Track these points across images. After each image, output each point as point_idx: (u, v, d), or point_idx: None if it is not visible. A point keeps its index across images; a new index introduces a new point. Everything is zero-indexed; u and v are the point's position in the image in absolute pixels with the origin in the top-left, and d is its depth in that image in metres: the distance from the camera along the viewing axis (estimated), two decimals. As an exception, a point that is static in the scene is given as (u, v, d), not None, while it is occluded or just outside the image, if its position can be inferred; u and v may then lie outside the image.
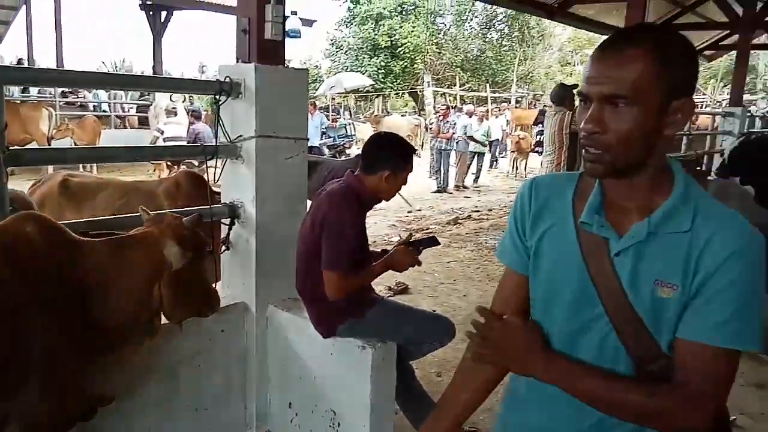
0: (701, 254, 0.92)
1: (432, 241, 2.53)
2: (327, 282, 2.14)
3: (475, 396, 1.20)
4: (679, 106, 0.93)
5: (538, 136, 16.96)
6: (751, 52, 9.45)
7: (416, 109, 25.18)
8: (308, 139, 2.54)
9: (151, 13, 12.59)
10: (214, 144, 2.39)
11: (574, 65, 34.13)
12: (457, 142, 10.97)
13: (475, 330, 1.06)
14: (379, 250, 2.50)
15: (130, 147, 3.36)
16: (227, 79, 2.33)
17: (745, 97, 11.31)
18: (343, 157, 11.12)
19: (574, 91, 5.17)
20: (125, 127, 13.83)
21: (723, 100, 20.22)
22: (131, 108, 14.41)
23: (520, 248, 1.12)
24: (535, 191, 1.11)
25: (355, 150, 13.85)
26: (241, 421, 2.58)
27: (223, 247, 2.53)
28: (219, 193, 2.70)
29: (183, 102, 12.60)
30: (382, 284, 4.72)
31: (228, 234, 2.49)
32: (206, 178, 3.00)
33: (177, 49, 28.79)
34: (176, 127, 10.09)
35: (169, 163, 10.15)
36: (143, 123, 13.36)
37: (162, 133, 9.86)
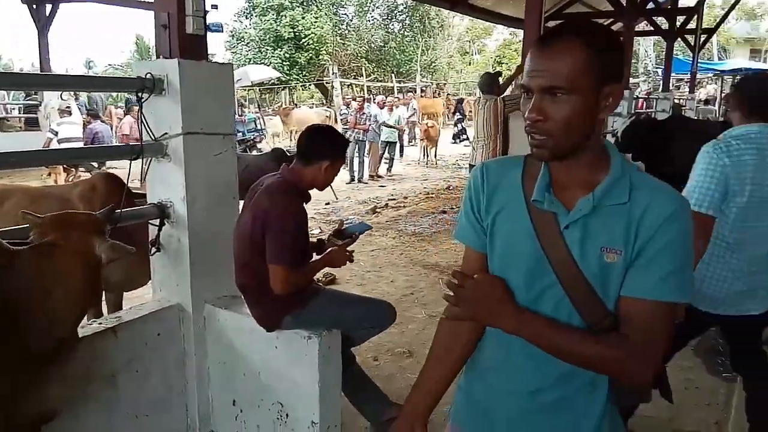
0: (640, 221, 1.04)
1: (363, 226, 2.61)
2: (273, 276, 2.15)
3: (450, 372, 1.28)
4: (610, 91, 1.04)
5: (458, 125, 17.45)
6: (634, 38, 10.23)
7: (323, 101, 25.07)
8: (236, 135, 2.51)
9: (34, 6, 11.61)
10: (124, 144, 2.31)
11: (472, 54, 35.33)
12: (365, 131, 11.11)
13: (452, 291, 1.13)
14: (315, 240, 2.54)
15: (48, 150, 3.16)
16: (149, 76, 2.26)
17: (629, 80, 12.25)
18: (254, 152, 10.91)
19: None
20: (12, 130, 12.73)
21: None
22: (13, 109, 13.29)
23: (477, 228, 1.21)
24: (487, 174, 1.20)
25: (265, 144, 13.63)
26: (183, 425, 2.53)
27: (153, 249, 2.46)
28: (144, 195, 2.62)
29: (76, 101, 11.82)
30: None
31: (158, 235, 2.43)
32: (147, 178, 2.89)
33: (63, 44, 26.79)
34: (71, 128, 9.44)
35: (65, 167, 9.52)
36: (31, 124, 12.33)
37: (56, 134, 9.19)
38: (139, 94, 2.25)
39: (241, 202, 2.86)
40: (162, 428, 2.42)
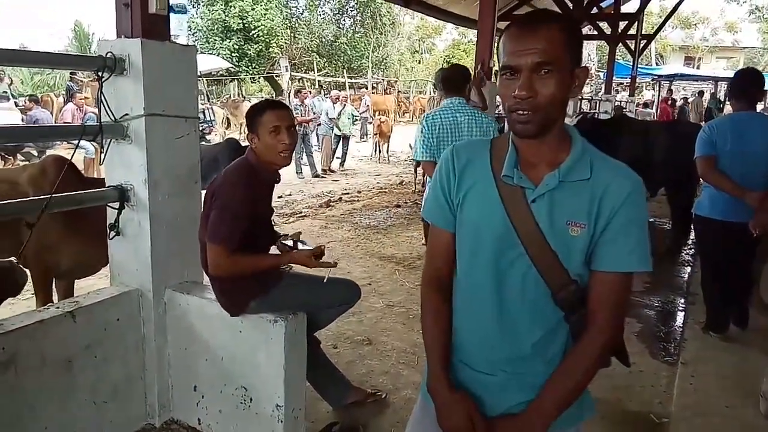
0: (602, 198, 1.14)
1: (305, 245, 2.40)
2: (209, 255, 2.10)
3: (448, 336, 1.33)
4: (579, 73, 1.15)
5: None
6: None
7: (272, 94, 24.74)
8: (199, 118, 2.48)
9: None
10: (80, 124, 2.24)
11: (422, 53, 35.67)
12: (318, 125, 11.03)
13: None
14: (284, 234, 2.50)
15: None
16: (110, 55, 2.20)
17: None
18: (203, 143, 10.67)
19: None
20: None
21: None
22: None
23: (445, 208, 1.28)
24: (457, 155, 1.27)
25: (214, 136, 13.34)
26: (142, 411, 2.49)
27: (112, 233, 2.40)
28: (96, 180, 2.55)
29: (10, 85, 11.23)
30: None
31: (117, 219, 2.37)
32: (101, 163, 2.79)
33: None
34: (8, 114, 9.01)
35: (1, 154, 9.05)
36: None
37: (-9, 121, 8.74)
38: (100, 74, 2.19)
39: (203, 192, 2.81)
40: (121, 415, 2.37)
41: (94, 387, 2.26)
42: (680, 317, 4.27)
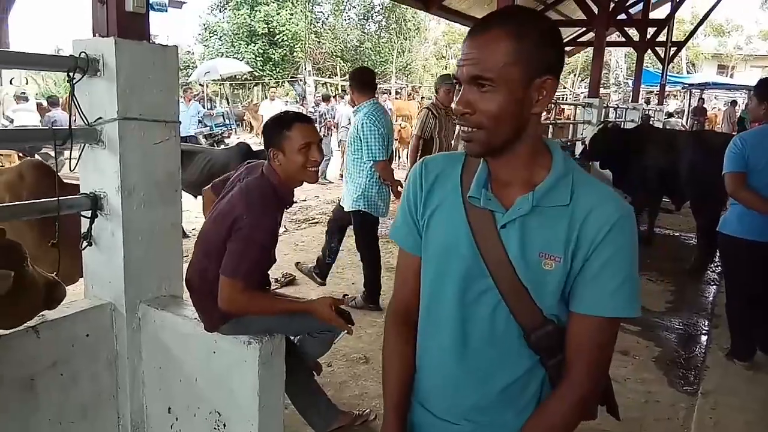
0: (582, 227, 0.97)
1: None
2: (222, 289, 1.95)
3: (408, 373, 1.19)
4: (541, 84, 0.96)
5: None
6: (605, 48, 10.30)
7: (297, 99, 24.80)
8: (180, 122, 2.34)
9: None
10: (47, 128, 2.12)
11: (448, 59, 35.46)
12: (336, 128, 10.94)
13: None
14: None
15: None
16: (83, 55, 2.07)
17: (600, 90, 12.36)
18: (222, 146, 10.65)
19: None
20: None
21: (581, 93, 22.02)
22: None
23: (413, 229, 1.13)
24: (425, 170, 1.12)
25: (234, 139, 13.36)
26: (113, 433, 2.35)
27: (84, 243, 2.27)
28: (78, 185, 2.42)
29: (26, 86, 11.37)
30: (270, 277, 4.56)
31: (90, 228, 2.24)
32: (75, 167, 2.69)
33: (27, 30, 25.92)
34: (27, 115, 9.09)
35: (19, 155, 9.13)
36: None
37: (12, 122, 8.82)
38: (71, 74, 2.06)
39: (200, 198, 2.69)
40: (89, 437, 2.24)
41: (61, 406, 2.13)
42: (703, 341, 4.00)
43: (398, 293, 1.21)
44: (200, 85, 18.29)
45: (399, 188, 4.15)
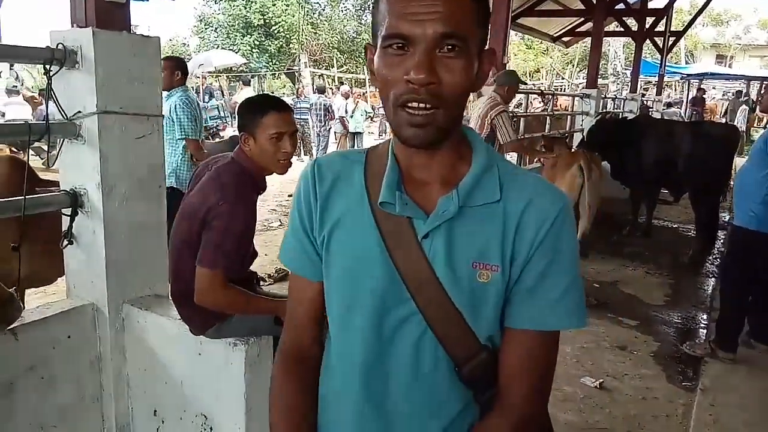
0: (519, 226, 0.82)
1: None
2: (198, 280, 1.83)
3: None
4: (485, 58, 0.82)
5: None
6: (603, 39, 10.20)
7: (293, 90, 24.64)
8: (163, 116, 2.26)
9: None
10: (22, 122, 2.01)
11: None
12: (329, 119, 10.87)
13: None
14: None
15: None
16: (60, 46, 1.99)
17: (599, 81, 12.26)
18: (216, 140, 10.55)
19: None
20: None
21: (579, 83, 21.88)
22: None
23: (309, 249, 0.92)
24: (319, 175, 0.90)
25: (230, 132, 13.26)
26: (98, 437, 2.29)
27: (65, 241, 2.19)
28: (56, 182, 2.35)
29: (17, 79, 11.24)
30: (263, 272, 4.50)
31: (70, 226, 2.16)
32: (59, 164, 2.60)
33: (21, 24, 25.65)
34: (19, 108, 8.99)
35: (11, 149, 9.02)
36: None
37: (3, 116, 8.71)
38: (47, 67, 1.98)
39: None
40: (71, 441, 2.17)
41: (41, 410, 2.06)
42: (701, 336, 3.95)
43: (289, 330, 0.98)
44: (196, 77, 18.13)
45: None
